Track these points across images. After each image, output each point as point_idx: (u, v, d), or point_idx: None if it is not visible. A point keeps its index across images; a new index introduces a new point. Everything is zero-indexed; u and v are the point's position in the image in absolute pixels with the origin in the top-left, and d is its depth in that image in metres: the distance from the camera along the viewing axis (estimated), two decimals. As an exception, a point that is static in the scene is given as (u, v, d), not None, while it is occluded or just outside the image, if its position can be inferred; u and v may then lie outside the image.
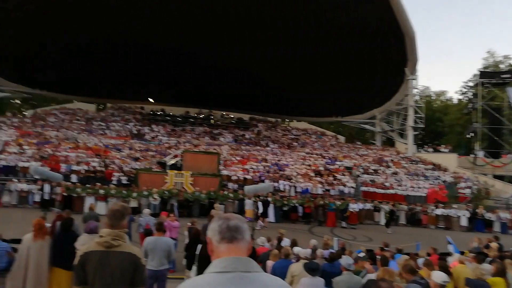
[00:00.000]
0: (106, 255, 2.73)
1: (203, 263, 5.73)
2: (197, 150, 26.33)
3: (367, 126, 40.46)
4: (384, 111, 36.96)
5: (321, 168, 27.41)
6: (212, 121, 38.57)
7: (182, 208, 18.91)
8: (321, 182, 24.70)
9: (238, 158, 27.55)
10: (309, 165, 27.92)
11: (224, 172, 23.67)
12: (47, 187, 18.39)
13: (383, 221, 21.24)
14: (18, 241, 7.72)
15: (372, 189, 24.69)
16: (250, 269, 1.59)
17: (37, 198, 18.85)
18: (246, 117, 41.62)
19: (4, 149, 23.49)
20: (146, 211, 11.88)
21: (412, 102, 33.01)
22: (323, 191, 23.85)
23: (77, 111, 36.74)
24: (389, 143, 40.69)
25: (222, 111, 40.61)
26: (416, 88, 34.71)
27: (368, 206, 21.69)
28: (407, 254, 8.39)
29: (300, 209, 20.16)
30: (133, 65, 32.97)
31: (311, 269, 5.72)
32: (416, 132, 34.80)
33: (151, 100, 40.61)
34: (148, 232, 9.30)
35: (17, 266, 5.60)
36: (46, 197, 18.38)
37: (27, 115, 36.33)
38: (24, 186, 19.20)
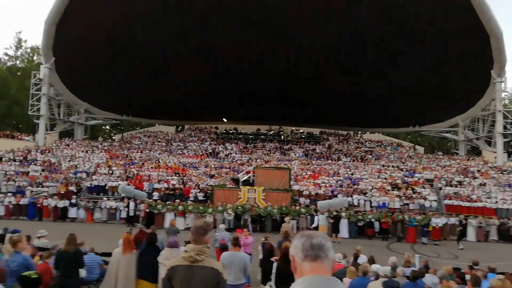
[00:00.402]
0: (191, 269, 2.88)
1: (281, 281, 5.75)
2: (268, 166, 26.64)
3: (448, 135, 37.61)
4: (468, 117, 34.04)
5: (399, 181, 25.99)
6: (282, 137, 38.88)
7: (255, 223, 19.24)
8: (399, 196, 23.40)
9: (309, 173, 27.29)
10: (385, 178, 26.64)
11: (295, 187, 23.58)
12: (132, 205, 19.94)
13: (471, 236, 19.48)
14: (108, 254, 8.49)
15: (456, 203, 22.72)
16: None
17: (123, 214, 20.52)
18: (316, 131, 41.27)
19: (96, 170, 26.09)
20: (222, 226, 12.26)
21: (501, 106, 30.01)
22: (401, 205, 22.54)
23: (159, 134, 39.67)
24: (474, 152, 37.30)
25: (292, 126, 40.77)
26: (505, 91, 31.53)
27: (453, 220, 19.95)
28: (502, 273, 7.56)
29: (376, 224, 19.25)
30: (208, 87, 34.62)
31: (392, 287, 5.44)
32: (507, 139, 31.48)
33: (224, 120, 42.28)
34: (223, 247, 9.61)
35: (108, 277, 6.13)
36: (131, 213, 19.93)
37: (115, 139, 40.03)
38: (112, 203, 21.05)
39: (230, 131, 40.12)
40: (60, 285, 5.75)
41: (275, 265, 6.01)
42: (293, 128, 40.76)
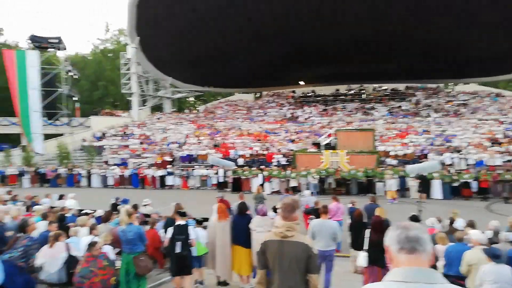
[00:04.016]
0: (282, 244, 3.07)
1: (374, 249, 5.76)
2: (351, 128, 25.93)
3: (562, 79, 32.47)
4: None
5: (499, 136, 23.48)
6: (364, 96, 37.23)
7: (340, 187, 19.20)
8: (499, 152, 21.22)
9: (396, 132, 25.98)
10: (483, 133, 24.26)
11: (381, 148, 22.72)
12: (221, 172, 21.18)
13: None
14: (205, 220, 9.24)
15: None
16: (433, 281, 1.53)
17: (214, 181, 21.93)
18: (401, 86, 38.65)
19: (186, 141, 27.98)
20: (306, 192, 12.47)
21: None
22: (504, 162, 20.46)
23: (239, 102, 40.77)
24: None
25: (373, 83, 38.69)
26: None
27: None
28: None
29: (474, 184, 17.83)
30: (282, 51, 34.22)
31: (494, 255, 5.08)
32: None
33: (301, 83, 41.69)
34: (308, 211, 9.83)
35: (208, 242, 6.74)
36: (221, 180, 21.22)
37: (200, 110, 42.18)
38: (203, 171, 22.55)
39: (308, 94, 39.54)
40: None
41: (367, 232, 6.00)
42: (375, 86, 38.66)
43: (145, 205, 10.83)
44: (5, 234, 6.42)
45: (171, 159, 24.89)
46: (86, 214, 8.36)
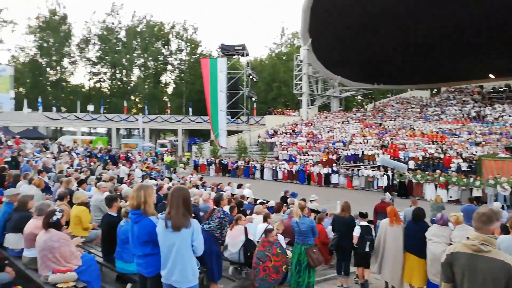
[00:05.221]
0: (474, 258, 2.67)
1: None
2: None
3: None
4: None
5: None
6: None
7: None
8: None
9: None
10: None
11: None
12: (389, 174, 20.06)
13: None
14: (370, 222, 8.93)
15: None
16: None
17: (380, 183, 20.96)
18: None
19: (351, 140, 27.62)
20: (496, 204, 10.64)
21: None
22: None
23: (412, 99, 37.79)
24: None
25: None
26: None
27: None
28: None
29: None
30: (468, 40, 30.03)
31: None
32: None
33: (492, 76, 35.68)
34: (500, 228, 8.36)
35: (376, 245, 6.52)
36: (389, 182, 20.09)
37: (368, 109, 40.94)
38: (369, 172, 21.82)
39: (500, 89, 33.45)
40: (337, 244, 6.67)
41: None
42: None
43: (312, 200, 11.24)
44: (199, 213, 7.67)
45: (336, 158, 24.97)
46: (262, 203, 9.20)
